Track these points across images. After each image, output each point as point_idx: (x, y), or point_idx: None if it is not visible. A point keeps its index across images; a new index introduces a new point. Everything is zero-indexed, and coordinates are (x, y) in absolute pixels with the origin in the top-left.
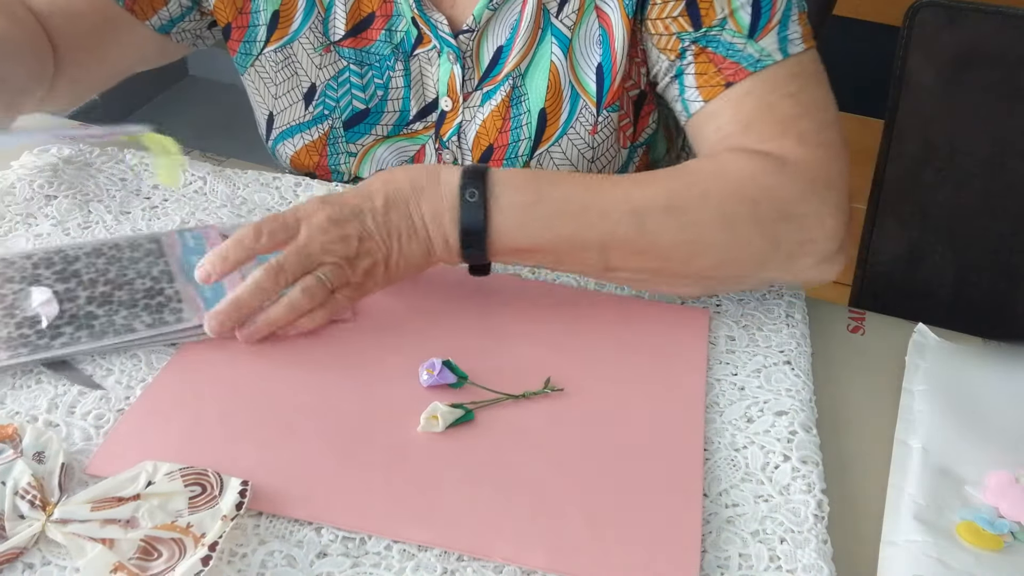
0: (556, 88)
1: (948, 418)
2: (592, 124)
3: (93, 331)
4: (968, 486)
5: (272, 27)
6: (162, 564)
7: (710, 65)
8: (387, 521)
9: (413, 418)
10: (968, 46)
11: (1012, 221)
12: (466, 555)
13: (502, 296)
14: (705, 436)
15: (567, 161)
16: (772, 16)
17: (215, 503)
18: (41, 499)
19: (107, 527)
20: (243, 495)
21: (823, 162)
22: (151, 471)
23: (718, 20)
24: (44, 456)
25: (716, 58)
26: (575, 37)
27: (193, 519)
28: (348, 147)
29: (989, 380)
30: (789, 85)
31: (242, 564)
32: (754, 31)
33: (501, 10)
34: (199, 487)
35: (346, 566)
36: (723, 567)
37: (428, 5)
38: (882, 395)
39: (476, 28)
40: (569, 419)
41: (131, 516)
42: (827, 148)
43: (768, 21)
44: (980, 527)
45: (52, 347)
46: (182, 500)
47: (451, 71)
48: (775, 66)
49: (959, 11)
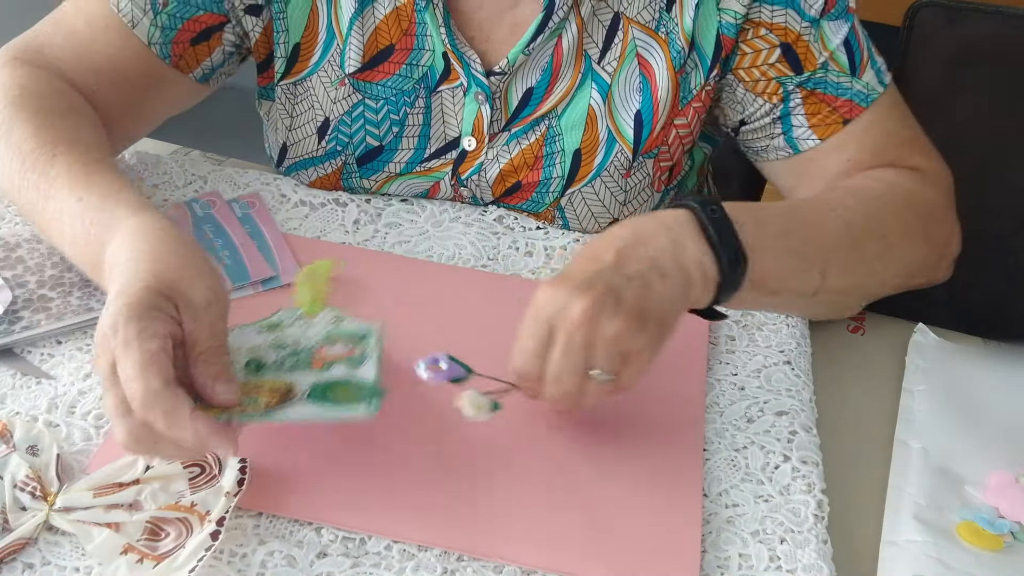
0: (593, 131)
1: (948, 418)
2: (627, 168)
3: (51, 313)
4: (968, 486)
5: (293, 60)
6: (171, 543)
7: (822, 105)
8: (387, 521)
9: (412, 418)
10: (968, 46)
11: (1012, 221)
12: (466, 555)
13: (502, 296)
14: (705, 436)
15: (599, 202)
16: (862, 52)
17: (216, 481)
18: (41, 490)
19: (112, 511)
20: (243, 471)
21: (945, 171)
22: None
23: (820, 64)
24: (37, 449)
25: (828, 98)
26: (615, 83)
27: (196, 498)
28: (362, 182)
29: (989, 380)
30: (896, 111)
31: (242, 564)
32: (855, 69)
33: (535, 54)
34: (198, 467)
35: (346, 566)
36: (723, 567)
37: (461, 40)
38: (882, 395)
39: (508, 71)
40: (569, 419)
41: (134, 499)
42: (941, 159)
43: (862, 58)
44: (980, 527)
45: (13, 332)
46: (182, 481)
47: (478, 111)
48: (882, 97)
49: (959, 11)
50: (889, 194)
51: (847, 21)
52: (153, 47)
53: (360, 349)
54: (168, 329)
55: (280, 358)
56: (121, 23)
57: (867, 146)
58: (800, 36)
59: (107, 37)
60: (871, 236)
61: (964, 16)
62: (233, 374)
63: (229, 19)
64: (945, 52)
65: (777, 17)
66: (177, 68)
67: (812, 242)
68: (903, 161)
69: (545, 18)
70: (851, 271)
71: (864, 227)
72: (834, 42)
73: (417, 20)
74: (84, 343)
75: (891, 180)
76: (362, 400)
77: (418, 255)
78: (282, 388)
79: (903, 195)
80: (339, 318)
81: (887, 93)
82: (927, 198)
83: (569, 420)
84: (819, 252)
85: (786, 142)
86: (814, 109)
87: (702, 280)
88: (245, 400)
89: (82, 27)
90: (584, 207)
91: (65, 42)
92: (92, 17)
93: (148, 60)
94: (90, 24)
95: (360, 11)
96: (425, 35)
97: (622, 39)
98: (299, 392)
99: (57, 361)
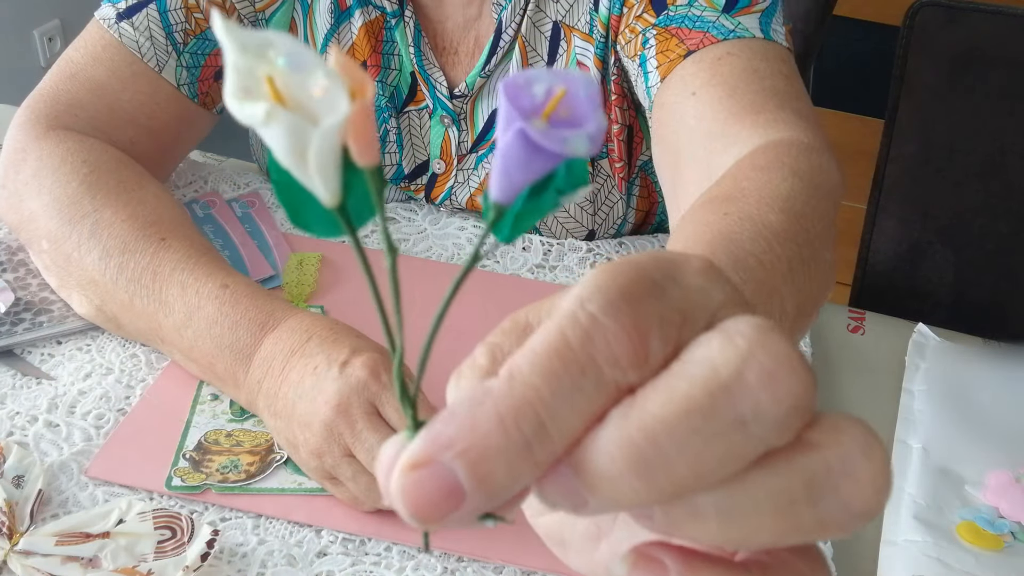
0: None
1: (948, 418)
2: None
3: (52, 316)
4: (968, 486)
5: None
6: None
7: (672, 40)
8: (387, 523)
9: None
10: (968, 46)
11: (1012, 221)
12: (466, 555)
13: (502, 295)
14: None
15: (571, 218)
16: (753, 3)
17: (182, 550)
18: (9, 527)
19: (67, 564)
20: (211, 545)
21: (820, 138)
22: (124, 508)
23: (684, 1)
24: (23, 481)
25: (680, 32)
26: None
27: (156, 566)
28: None
29: (989, 380)
30: (779, 65)
31: (242, 564)
32: (729, 7)
33: (494, 76)
34: (169, 531)
35: (346, 565)
36: None
37: (429, 61)
38: (882, 395)
39: (469, 95)
40: None
41: (94, 555)
42: (819, 130)
43: (749, 4)
44: (980, 527)
45: (15, 333)
46: (149, 543)
47: (444, 133)
48: (757, 40)
49: (959, 11)
50: (800, 185)
51: None
52: (183, 88)
53: None
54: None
55: None
56: (148, 69)
57: (720, 80)
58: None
59: (136, 85)
60: (808, 259)
61: (964, 16)
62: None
63: None
64: (945, 52)
65: None
66: (203, 106)
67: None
68: (771, 114)
69: (495, 41)
70: (798, 243)
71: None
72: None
73: (386, 38)
74: (84, 343)
75: (784, 159)
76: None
77: (416, 254)
78: (263, 447)
79: (808, 176)
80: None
81: (771, 45)
82: (832, 175)
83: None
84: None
85: (646, 94)
86: (663, 46)
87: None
88: (227, 464)
89: (106, 78)
90: (556, 223)
91: (95, 99)
92: (115, 66)
93: (179, 102)
94: (115, 74)
95: (336, 27)
96: (392, 53)
97: (566, 49)
98: (278, 451)
99: (57, 361)
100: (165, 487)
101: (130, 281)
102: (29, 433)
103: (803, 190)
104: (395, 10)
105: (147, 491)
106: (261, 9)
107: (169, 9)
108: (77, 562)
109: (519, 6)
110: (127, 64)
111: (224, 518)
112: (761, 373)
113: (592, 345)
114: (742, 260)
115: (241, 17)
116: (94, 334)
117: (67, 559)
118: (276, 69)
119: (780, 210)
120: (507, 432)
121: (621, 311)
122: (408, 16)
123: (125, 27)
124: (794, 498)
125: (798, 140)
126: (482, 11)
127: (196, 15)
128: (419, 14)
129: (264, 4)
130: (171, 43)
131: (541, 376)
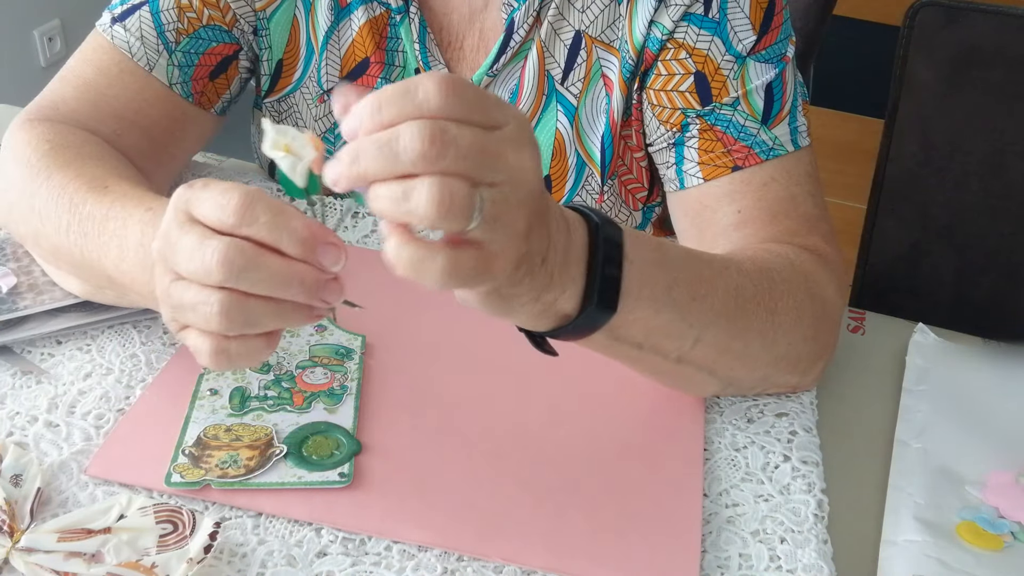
0: (561, 155)
1: (948, 418)
2: (599, 192)
3: (54, 296)
4: (968, 486)
5: (276, 77)
6: None
7: (718, 144)
8: (387, 522)
9: (411, 418)
10: (968, 46)
11: (1012, 221)
12: (466, 555)
13: None
14: (705, 436)
15: None
16: (784, 104)
17: (184, 544)
18: (10, 525)
19: (71, 560)
20: (213, 537)
21: (845, 272)
22: (125, 504)
23: (730, 100)
24: (21, 479)
25: (726, 138)
26: (581, 105)
27: (159, 559)
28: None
29: (989, 380)
30: (806, 182)
31: (242, 564)
32: (767, 118)
33: (500, 75)
34: (171, 525)
35: (346, 565)
36: (723, 567)
37: (435, 58)
38: (882, 395)
39: None
40: (569, 419)
41: (97, 550)
42: (840, 253)
43: (780, 110)
44: (980, 527)
45: (16, 310)
46: (151, 538)
47: None
48: (789, 157)
49: (959, 11)
50: (789, 270)
51: (777, 67)
52: (175, 87)
53: (340, 379)
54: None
55: (263, 387)
56: (137, 67)
57: (764, 205)
58: (719, 68)
59: (123, 82)
60: (760, 308)
61: (964, 16)
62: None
63: (241, 46)
64: (945, 52)
65: (701, 42)
66: (199, 105)
67: (699, 301)
68: (803, 238)
69: (506, 39)
70: (727, 344)
71: (754, 294)
72: (754, 83)
73: (390, 34)
74: (84, 343)
75: (793, 258)
76: (336, 464)
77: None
78: (262, 441)
79: (803, 276)
80: (322, 325)
81: (799, 157)
82: (827, 292)
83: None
84: (703, 314)
85: (676, 174)
86: (708, 146)
87: (554, 302)
88: (226, 459)
89: (93, 76)
90: None
91: (79, 93)
92: (103, 65)
93: (170, 101)
94: (102, 72)
95: (336, 24)
96: (397, 50)
97: (586, 59)
98: (277, 445)
99: (57, 361)
100: (164, 484)
101: (79, 235)
102: (29, 433)
103: (790, 274)
104: (400, 6)
105: (147, 489)
106: (261, 8)
107: (161, 9)
108: (80, 558)
109: (533, 7)
110: (115, 63)
111: (224, 518)
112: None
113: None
114: (667, 249)
115: (237, 17)
116: (94, 334)
117: (70, 555)
118: (286, 140)
119: (747, 271)
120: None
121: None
122: (413, 12)
123: (118, 30)
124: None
125: (814, 249)
126: (488, 2)
127: (189, 15)
128: (424, 7)
129: (264, 4)
130: (162, 42)
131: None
